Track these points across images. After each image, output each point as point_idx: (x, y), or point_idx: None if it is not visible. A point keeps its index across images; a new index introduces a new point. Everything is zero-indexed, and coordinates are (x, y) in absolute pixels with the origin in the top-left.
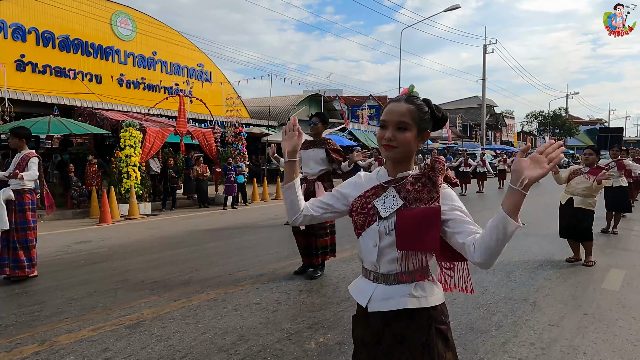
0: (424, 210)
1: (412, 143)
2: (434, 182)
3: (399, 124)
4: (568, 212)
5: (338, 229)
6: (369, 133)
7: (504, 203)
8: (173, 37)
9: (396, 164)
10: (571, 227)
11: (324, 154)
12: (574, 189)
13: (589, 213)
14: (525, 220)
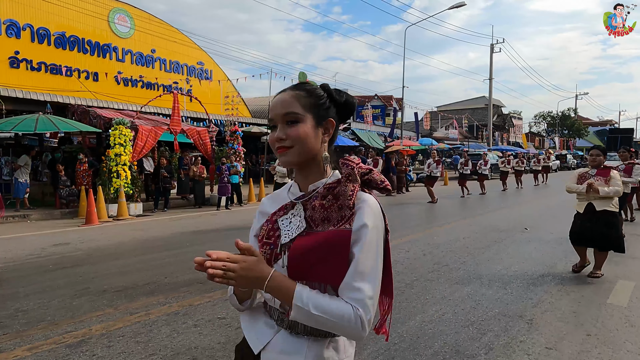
0: (328, 237)
1: (311, 137)
2: (345, 193)
3: (287, 117)
4: (591, 219)
5: None
6: (372, 133)
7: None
8: (172, 35)
9: (303, 171)
10: (597, 234)
11: None
12: (587, 194)
13: (616, 215)
14: (526, 223)
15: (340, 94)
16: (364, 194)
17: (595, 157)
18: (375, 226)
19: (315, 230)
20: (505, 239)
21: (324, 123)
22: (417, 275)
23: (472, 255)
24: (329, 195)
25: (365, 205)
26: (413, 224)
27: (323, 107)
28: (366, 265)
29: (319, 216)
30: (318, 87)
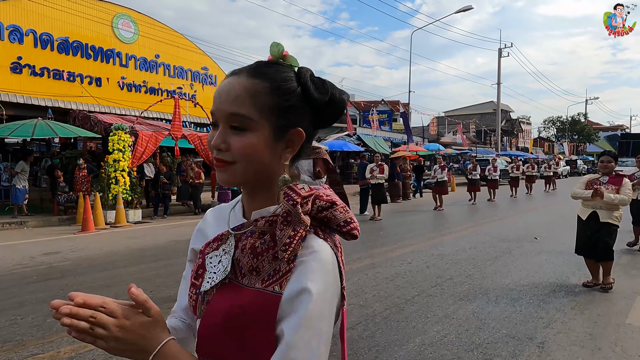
0: (248, 300)
1: (264, 154)
2: (281, 240)
3: (232, 119)
4: (591, 228)
5: None
6: (378, 138)
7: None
8: (176, 40)
9: (249, 190)
10: (591, 244)
11: (310, 165)
12: (594, 202)
13: (614, 229)
14: (537, 232)
15: (324, 89)
16: (316, 241)
17: (606, 164)
18: (323, 293)
19: (240, 282)
20: (514, 250)
21: (287, 135)
22: (419, 290)
23: (478, 267)
24: (267, 234)
25: (312, 258)
26: (417, 232)
27: (290, 111)
28: (300, 355)
29: (246, 263)
30: (292, 74)
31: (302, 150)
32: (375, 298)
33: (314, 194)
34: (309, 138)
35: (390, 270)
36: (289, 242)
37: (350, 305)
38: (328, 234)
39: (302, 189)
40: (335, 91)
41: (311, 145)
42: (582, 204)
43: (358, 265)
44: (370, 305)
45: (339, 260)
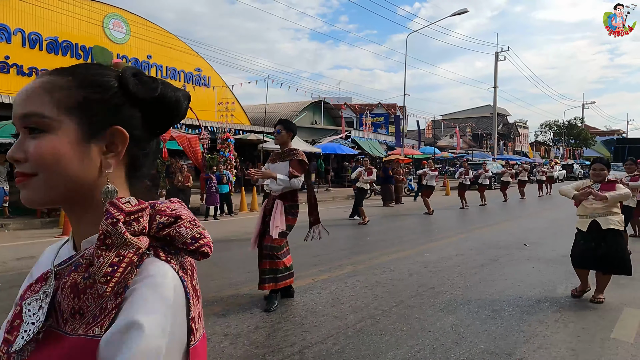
0: (74, 351)
1: (69, 159)
2: (99, 270)
3: (24, 120)
4: (596, 238)
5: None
6: (373, 141)
7: None
8: (169, 41)
9: (71, 216)
10: (602, 255)
11: (287, 168)
12: (591, 211)
13: (622, 234)
14: (527, 239)
15: (150, 85)
16: (154, 264)
17: (599, 172)
18: (159, 326)
19: (62, 330)
20: (502, 257)
21: (103, 135)
22: (398, 301)
23: (463, 276)
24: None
25: (145, 284)
26: (405, 238)
27: (102, 106)
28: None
29: (67, 305)
30: (111, 72)
31: (140, 161)
32: (351, 309)
33: (145, 209)
34: (141, 143)
35: (371, 278)
36: (111, 272)
37: (323, 316)
38: (173, 254)
39: (126, 203)
40: (169, 90)
41: (154, 154)
42: (578, 214)
43: (338, 273)
44: (345, 317)
45: (185, 285)
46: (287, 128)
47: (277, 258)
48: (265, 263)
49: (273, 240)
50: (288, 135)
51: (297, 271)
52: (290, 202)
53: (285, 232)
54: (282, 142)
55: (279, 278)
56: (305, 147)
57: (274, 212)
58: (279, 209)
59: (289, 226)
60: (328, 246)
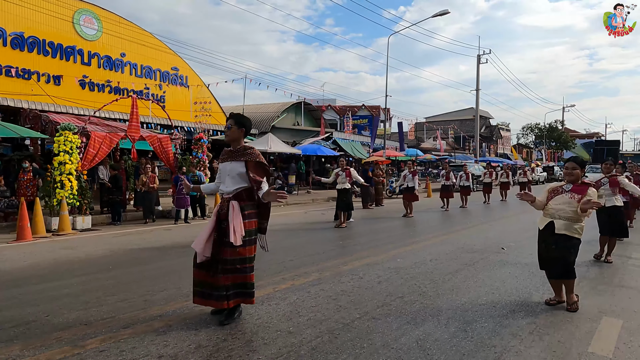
0: None
1: None
2: None
3: None
4: (547, 240)
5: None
6: (355, 143)
7: None
8: (145, 39)
9: None
10: (550, 258)
11: (242, 168)
12: (554, 211)
13: (574, 243)
14: (505, 242)
15: None
16: None
17: (571, 171)
18: None
19: None
20: (478, 262)
21: None
22: (362, 312)
23: (435, 283)
24: None
25: None
26: (380, 242)
27: None
28: None
29: None
30: None
31: None
32: (309, 322)
33: None
34: None
35: (337, 287)
36: None
37: (276, 332)
38: None
39: None
40: None
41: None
42: (543, 212)
43: (302, 281)
44: (301, 332)
45: None
46: (238, 123)
47: (244, 271)
48: (228, 278)
49: (238, 251)
50: (240, 131)
51: (258, 279)
52: (248, 201)
53: (250, 239)
54: (233, 138)
55: (246, 294)
56: (285, 148)
57: (231, 215)
58: (237, 211)
59: (251, 231)
60: (297, 251)
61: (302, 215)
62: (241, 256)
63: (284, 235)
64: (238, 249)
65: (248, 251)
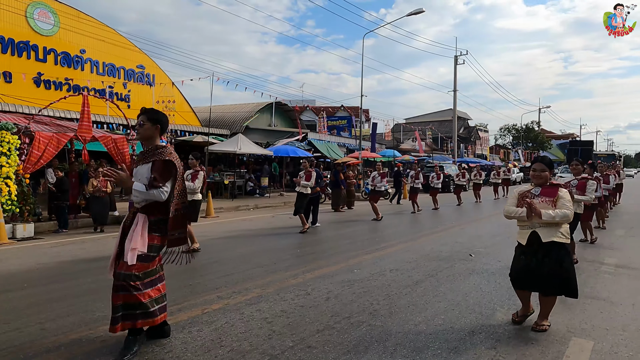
0: None
1: None
2: None
3: None
4: (537, 253)
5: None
6: (332, 144)
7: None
8: (107, 36)
9: None
10: (543, 275)
11: (150, 172)
12: (531, 221)
13: (566, 247)
14: (474, 247)
15: None
16: None
17: (539, 173)
18: None
19: None
20: (442, 271)
21: None
22: (297, 339)
23: (390, 298)
24: None
25: None
26: (340, 249)
27: None
28: None
29: None
30: None
31: None
32: (230, 355)
33: None
34: None
35: (277, 305)
36: None
37: None
38: None
39: None
40: None
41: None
42: (518, 224)
43: (239, 299)
44: None
45: None
46: (152, 119)
47: (135, 289)
48: (119, 297)
49: (129, 266)
50: (155, 128)
51: (189, 297)
52: (158, 215)
53: (150, 255)
54: (146, 137)
55: (138, 315)
56: (256, 149)
57: (133, 229)
58: (140, 225)
59: (155, 246)
60: (246, 262)
61: (268, 219)
62: (133, 272)
63: (240, 243)
64: (129, 264)
65: (143, 267)
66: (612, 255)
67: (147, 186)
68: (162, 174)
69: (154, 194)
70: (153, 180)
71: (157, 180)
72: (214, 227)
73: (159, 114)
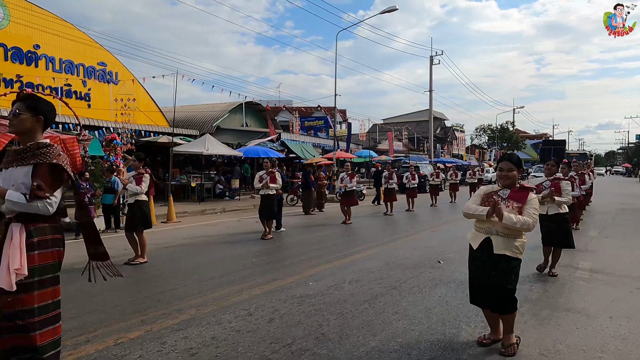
0: None
1: None
2: None
3: None
4: (485, 262)
5: None
6: (306, 144)
7: None
8: (65, 31)
9: None
10: (488, 286)
11: (29, 176)
12: (490, 225)
13: (515, 265)
14: (445, 252)
15: None
16: None
17: (506, 173)
18: None
19: None
20: (406, 282)
21: None
22: None
23: (343, 317)
24: None
25: None
26: (299, 259)
27: None
28: None
29: None
30: None
31: None
32: None
33: None
34: None
35: (209, 331)
36: None
37: None
38: None
39: None
40: None
41: None
42: (475, 225)
43: (165, 324)
44: None
45: None
46: (31, 108)
47: (37, 328)
48: (4, 340)
49: (19, 299)
50: (36, 120)
51: (107, 322)
52: (40, 222)
53: (41, 279)
54: (23, 130)
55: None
56: (225, 150)
57: (7, 245)
58: (15, 240)
59: (41, 268)
60: (188, 276)
61: (233, 224)
62: (23, 307)
63: (192, 252)
64: (20, 296)
65: (37, 298)
66: (586, 259)
67: (28, 196)
68: (49, 182)
69: (38, 208)
70: (36, 188)
71: (43, 190)
72: (171, 233)
73: (41, 102)
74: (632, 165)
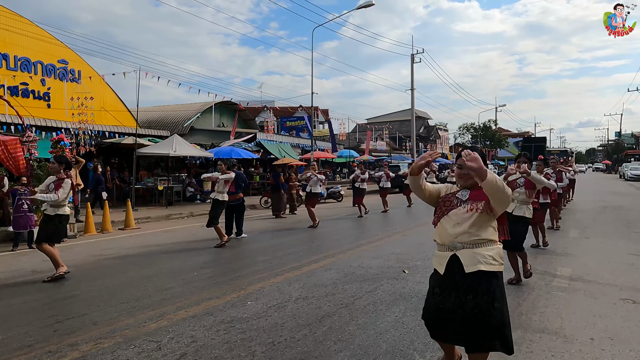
0: None
1: None
2: None
3: None
4: (458, 288)
5: None
6: (284, 145)
7: None
8: (21, 27)
9: None
10: (465, 319)
11: None
12: (453, 238)
13: (499, 280)
14: (412, 259)
15: None
16: None
17: (467, 172)
18: None
19: None
20: (361, 297)
21: None
22: None
23: (274, 349)
24: None
25: None
26: (247, 270)
27: None
28: None
29: None
30: None
31: None
32: None
33: None
34: None
35: None
36: None
37: None
38: None
39: None
40: None
41: None
42: (437, 241)
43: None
44: None
45: None
46: None
47: None
48: None
49: None
50: None
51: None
52: None
53: None
54: None
55: None
56: (193, 151)
57: None
58: None
59: None
60: (115, 294)
61: (194, 230)
62: None
63: (133, 264)
64: None
65: None
66: (565, 264)
67: None
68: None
69: None
70: None
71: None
72: (119, 242)
73: None
74: (612, 162)
